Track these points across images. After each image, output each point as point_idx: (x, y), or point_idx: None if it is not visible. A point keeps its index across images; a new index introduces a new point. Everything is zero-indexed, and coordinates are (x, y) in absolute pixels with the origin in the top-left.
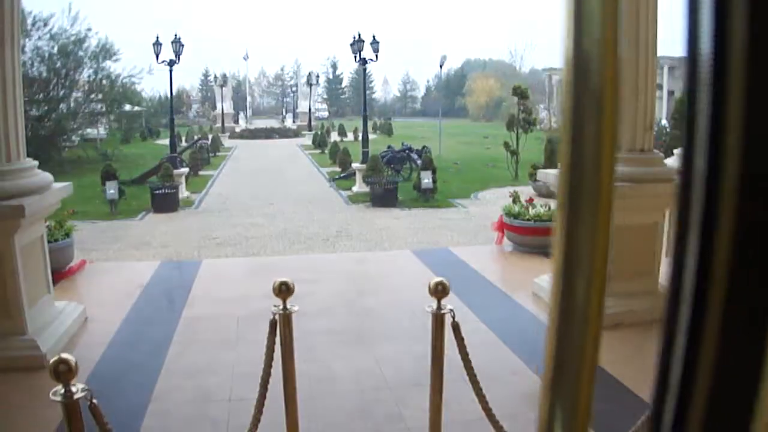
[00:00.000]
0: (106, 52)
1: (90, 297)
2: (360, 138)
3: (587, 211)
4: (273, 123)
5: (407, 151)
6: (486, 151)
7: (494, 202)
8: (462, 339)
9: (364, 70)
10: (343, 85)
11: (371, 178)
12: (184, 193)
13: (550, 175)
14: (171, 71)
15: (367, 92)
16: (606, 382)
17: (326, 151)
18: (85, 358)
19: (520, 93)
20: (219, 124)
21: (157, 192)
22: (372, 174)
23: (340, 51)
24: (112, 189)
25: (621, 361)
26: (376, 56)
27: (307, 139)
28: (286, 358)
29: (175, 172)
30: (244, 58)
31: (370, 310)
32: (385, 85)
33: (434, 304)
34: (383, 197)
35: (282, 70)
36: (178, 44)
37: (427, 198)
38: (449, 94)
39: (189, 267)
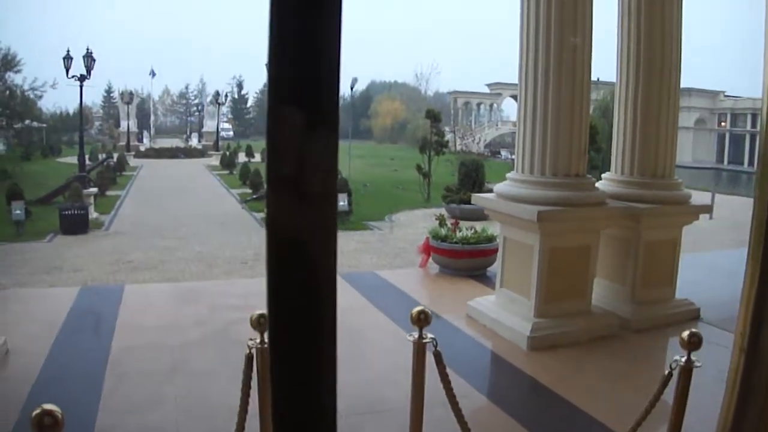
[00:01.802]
0: (8, 62)
1: (9, 327)
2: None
3: None
4: (177, 142)
5: None
6: (394, 173)
7: (409, 224)
8: (444, 367)
9: None
10: (249, 104)
11: None
12: (93, 214)
13: (484, 200)
14: (81, 87)
15: None
16: (549, 399)
17: (235, 172)
18: (12, 396)
19: (433, 116)
20: (123, 143)
21: (66, 213)
22: None
23: (246, 70)
24: (18, 209)
25: (560, 381)
26: None
27: (215, 160)
28: (263, 394)
29: (84, 192)
30: (151, 75)
31: None
32: None
33: (416, 333)
34: None
35: (186, 88)
36: (89, 59)
37: (342, 220)
38: (355, 116)
39: (112, 293)
